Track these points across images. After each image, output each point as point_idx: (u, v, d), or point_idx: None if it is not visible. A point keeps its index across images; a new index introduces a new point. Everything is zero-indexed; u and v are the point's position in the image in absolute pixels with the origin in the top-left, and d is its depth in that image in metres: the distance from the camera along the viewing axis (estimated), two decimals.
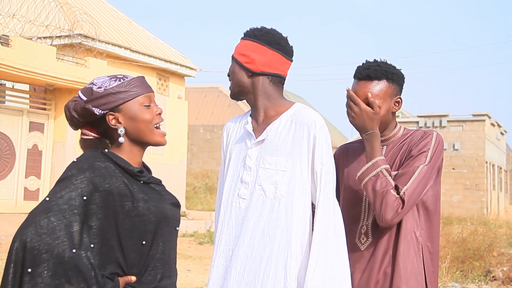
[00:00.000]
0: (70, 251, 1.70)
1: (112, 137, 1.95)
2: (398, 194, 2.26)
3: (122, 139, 1.92)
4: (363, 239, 2.38)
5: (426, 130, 2.43)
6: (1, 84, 11.67)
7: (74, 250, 1.71)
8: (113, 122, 1.92)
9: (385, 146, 2.46)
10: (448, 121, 24.29)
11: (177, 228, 1.97)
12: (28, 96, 12.23)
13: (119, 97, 1.91)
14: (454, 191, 23.90)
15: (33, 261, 1.68)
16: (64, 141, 12.03)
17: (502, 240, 12.24)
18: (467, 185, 23.91)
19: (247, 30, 2.35)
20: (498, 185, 27.91)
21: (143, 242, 1.85)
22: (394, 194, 2.26)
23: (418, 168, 2.30)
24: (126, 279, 1.82)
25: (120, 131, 1.92)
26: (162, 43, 15.78)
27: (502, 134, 28.91)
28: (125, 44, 13.77)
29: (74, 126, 1.98)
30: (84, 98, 1.92)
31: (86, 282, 1.70)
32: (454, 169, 23.95)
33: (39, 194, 11.88)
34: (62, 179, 1.81)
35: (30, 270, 1.68)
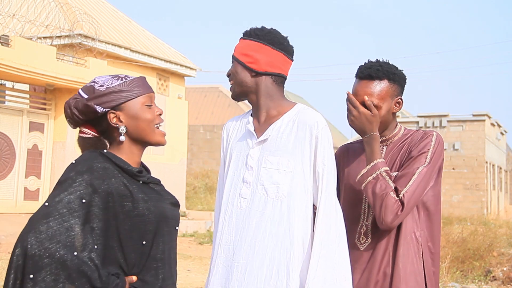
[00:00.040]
0: (72, 254, 1.70)
1: (112, 136, 1.95)
2: (397, 196, 2.26)
3: (123, 138, 1.92)
4: (363, 239, 2.38)
5: (426, 131, 2.43)
6: (1, 84, 11.67)
7: (75, 253, 1.70)
8: (114, 120, 1.92)
9: (385, 147, 2.46)
10: (448, 121, 24.29)
11: (176, 227, 1.97)
12: (28, 96, 12.23)
13: (121, 95, 1.91)
14: (454, 191, 23.89)
15: (34, 267, 1.68)
16: (64, 141, 12.03)
17: (502, 240, 12.24)
18: (467, 185, 23.91)
19: (247, 30, 2.34)
20: (498, 185, 27.91)
21: (143, 242, 1.85)
22: (394, 197, 2.26)
23: (417, 169, 2.30)
24: (129, 279, 1.82)
25: (121, 130, 1.92)
26: (162, 43, 15.78)
27: (502, 134, 28.91)
28: (125, 44, 13.77)
29: (73, 124, 1.98)
30: (85, 96, 1.92)
31: (91, 283, 1.70)
32: (454, 169, 23.95)
33: (39, 194, 11.88)
34: (60, 182, 1.81)
35: (32, 276, 1.67)
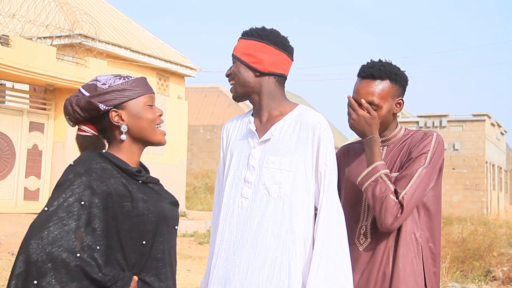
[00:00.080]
0: (75, 257, 1.71)
1: (112, 134, 1.95)
2: (397, 198, 2.27)
3: (124, 137, 1.92)
4: (362, 240, 2.38)
5: (427, 131, 2.43)
6: (1, 84, 11.68)
7: (78, 255, 1.71)
8: (116, 119, 1.92)
9: (385, 147, 2.46)
10: (448, 121, 24.30)
11: (176, 227, 1.97)
12: (28, 96, 12.23)
13: (124, 94, 1.92)
14: (454, 191, 23.90)
15: (38, 273, 1.68)
16: (64, 141, 12.03)
17: (502, 240, 12.24)
18: (467, 185, 23.91)
19: (247, 30, 2.33)
20: (498, 185, 27.91)
21: (143, 242, 1.85)
22: (393, 199, 2.26)
23: (417, 171, 2.30)
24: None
25: (122, 128, 1.92)
26: (162, 43, 15.78)
27: (502, 134, 28.91)
28: (125, 44, 13.77)
29: (73, 122, 1.97)
30: (86, 94, 1.92)
31: (96, 284, 1.71)
32: (454, 169, 23.95)
33: (39, 194, 11.88)
34: (59, 185, 1.81)
35: (36, 282, 1.68)
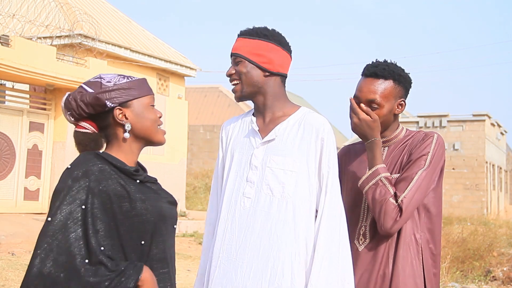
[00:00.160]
0: (84, 262, 1.73)
1: (113, 133, 1.95)
2: (396, 201, 2.27)
3: (127, 135, 1.93)
4: (361, 240, 2.38)
5: (427, 132, 2.42)
6: (1, 84, 11.68)
7: (87, 260, 1.73)
8: (120, 117, 1.92)
9: (386, 148, 2.46)
10: (448, 121, 24.30)
11: (174, 226, 1.98)
12: (28, 96, 12.22)
13: (130, 93, 1.93)
14: (454, 191, 23.90)
15: (54, 285, 1.71)
16: (64, 141, 12.03)
17: (502, 240, 12.25)
18: (467, 185, 23.92)
19: (249, 29, 2.31)
20: (498, 185, 27.91)
21: (142, 242, 1.85)
22: (393, 202, 2.26)
23: (417, 173, 2.30)
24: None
25: (127, 127, 1.92)
26: (162, 43, 15.78)
27: (502, 134, 28.91)
28: (125, 44, 13.77)
29: (74, 118, 1.96)
30: (90, 91, 1.92)
31: (111, 281, 1.72)
32: (454, 169, 23.95)
33: (39, 194, 11.88)
34: (58, 192, 1.81)
35: None
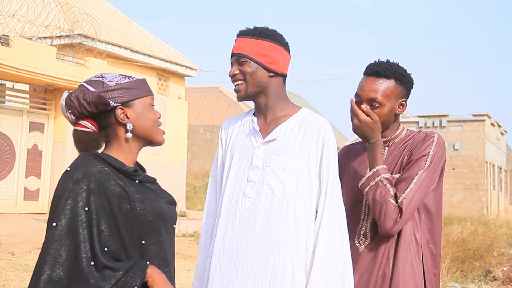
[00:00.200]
0: (90, 266, 1.74)
1: (113, 132, 1.95)
2: (396, 202, 2.27)
3: (130, 135, 1.93)
4: (362, 240, 2.39)
5: (428, 133, 2.43)
6: (1, 84, 11.68)
7: (92, 263, 1.75)
8: (121, 116, 1.92)
9: (387, 148, 2.46)
10: (448, 121, 24.31)
11: (174, 226, 1.98)
12: (28, 96, 12.23)
13: (132, 93, 1.93)
14: (454, 191, 23.91)
15: None
16: (64, 141, 12.03)
17: (502, 240, 12.25)
18: (467, 185, 23.92)
19: (250, 29, 2.30)
20: (498, 185, 27.92)
21: (142, 242, 1.86)
22: (393, 203, 2.27)
23: (417, 174, 2.31)
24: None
25: (128, 127, 1.93)
26: (162, 43, 15.78)
27: (502, 134, 28.92)
28: (125, 44, 13.77)
29: (77, 116, 1.95)
30: (92, 89, 1.92)
31: (117, 281, 1.73)
32: (454, 169, 23.96)
33: (39, 194, 11.88)
34: (60, 196, 1.81)
35: None
